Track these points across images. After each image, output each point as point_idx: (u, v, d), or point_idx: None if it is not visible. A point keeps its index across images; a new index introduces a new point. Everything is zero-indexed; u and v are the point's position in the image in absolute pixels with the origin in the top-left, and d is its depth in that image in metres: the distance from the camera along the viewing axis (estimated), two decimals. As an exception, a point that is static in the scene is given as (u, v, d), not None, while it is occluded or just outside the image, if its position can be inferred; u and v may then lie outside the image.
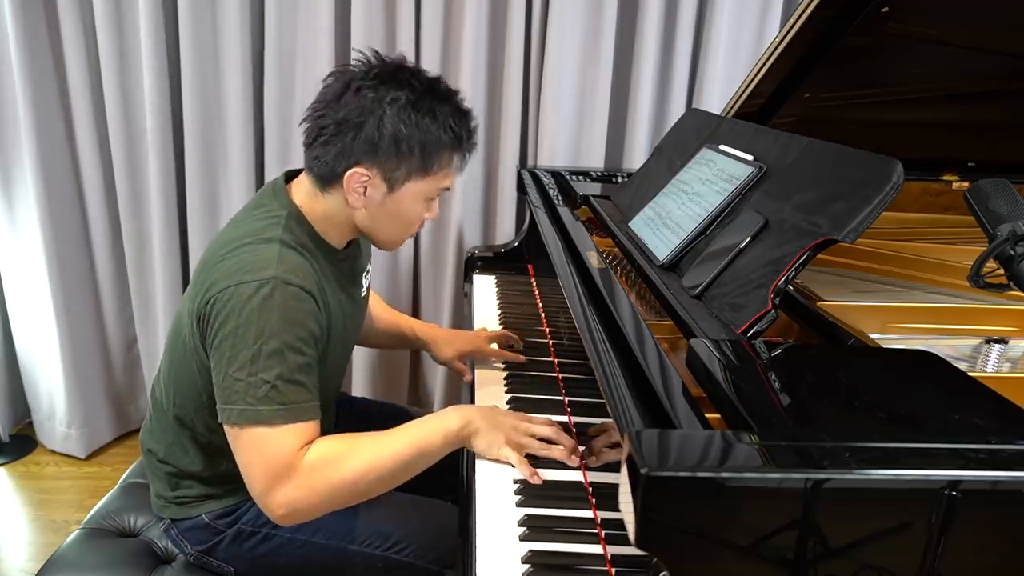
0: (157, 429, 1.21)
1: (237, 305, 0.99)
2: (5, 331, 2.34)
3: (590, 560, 0.91)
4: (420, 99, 1.04)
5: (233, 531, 1.17)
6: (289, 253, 1.04)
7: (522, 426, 1.08)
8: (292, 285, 1.00)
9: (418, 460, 1.05)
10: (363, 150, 1.03)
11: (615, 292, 1.07)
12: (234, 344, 0.98)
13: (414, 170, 1.06)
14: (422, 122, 1.04)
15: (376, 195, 1.07)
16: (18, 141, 2.07)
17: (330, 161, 1.05)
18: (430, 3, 2.00)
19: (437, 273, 2.25)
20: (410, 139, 1.03)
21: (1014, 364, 1.05)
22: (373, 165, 1.04)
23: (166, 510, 1.20)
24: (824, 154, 1.01)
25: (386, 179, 1.06)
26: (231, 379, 0.98)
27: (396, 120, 1.02)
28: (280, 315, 0.99)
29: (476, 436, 1.07)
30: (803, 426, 0.67)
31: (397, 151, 1.04)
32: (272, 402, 0.98)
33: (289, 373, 0.99)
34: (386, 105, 1.02)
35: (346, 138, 1.03)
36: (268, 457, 0.99)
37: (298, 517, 1.02)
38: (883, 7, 1.23)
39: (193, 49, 2.01)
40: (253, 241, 1.05)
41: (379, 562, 1.16)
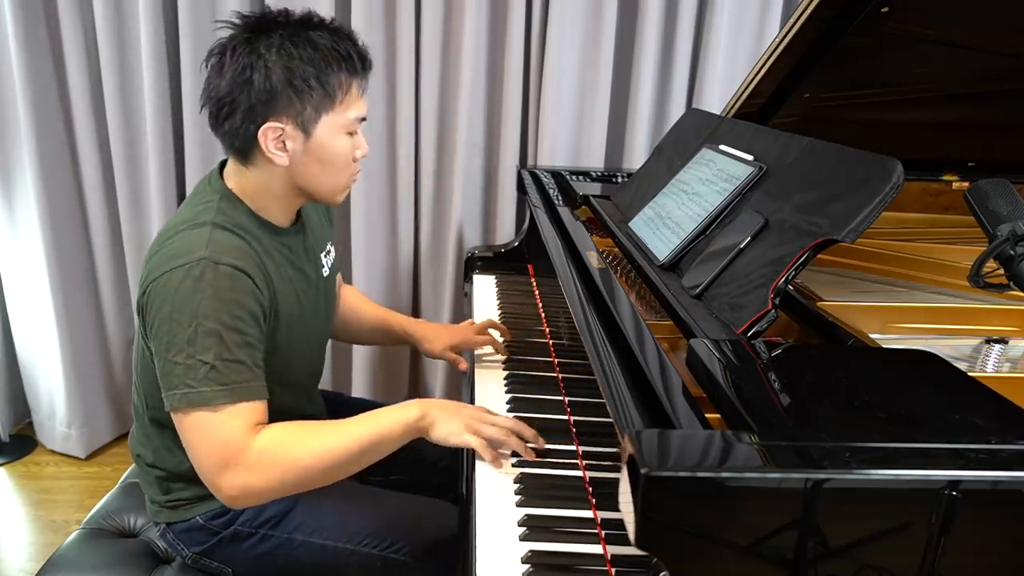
0: (141, 435, 1.21)
1: (170, 290, 0.98)
2: (5, 331, 2.34)
3: (590, 560, 0.91)
4: (294, 35, 1.02)
5: (230, 532, 1.17)
6: (220, 233, 1.03)
7: (482, 416, 1.09)
8: (223, 264, 1.00)
9: (375, 448, 1.05)
10: (263, 104, 1.01)
11: (615, 292, 1.07)
12: (170, 328, 0.98)
13: (319, 105, 1.04)
14: (305, 55, 1.01)
15: (296, 145, 1.05)
16: (18, 141, 2.07)
17: (239, 129, 1.03)
18: (430, 4, 2.00)
19: (437, 273, 2.25)
20: (302, 75, 1.01)
21: (1014, 364, 1.05)
22: (280, 115, 1.02)
23: (161, 515, 1.19)
24: (824, 154, 1.01)
25: (298, 125, 1.04)
26: (170, 364, 0.98)
27: (280, 63, 1.00)
28: (213, 295, 0.98)
29: (434, 426, 1.06)
30: (803, 426, 0.67)
31: (295, 92, 1.02)
32: (212, 383, 0.97)
33: (228, 353, 0.98)
34: (264, 52, 1.00)
35: (242, 100, 1.01)
36: (214, 439, 0.98)
37: (250, 500, 1.02)
38: (883, 7, 1.23)
39: (193, 50, 2.01)
40: (185, 228, 1.04)
41: (377, 562, 1.16)
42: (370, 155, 2.07)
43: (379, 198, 2.17)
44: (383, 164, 2.14)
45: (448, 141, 2.12)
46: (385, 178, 2.16)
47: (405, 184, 2.14)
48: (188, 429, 1.00)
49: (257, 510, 1.17)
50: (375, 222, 2.17)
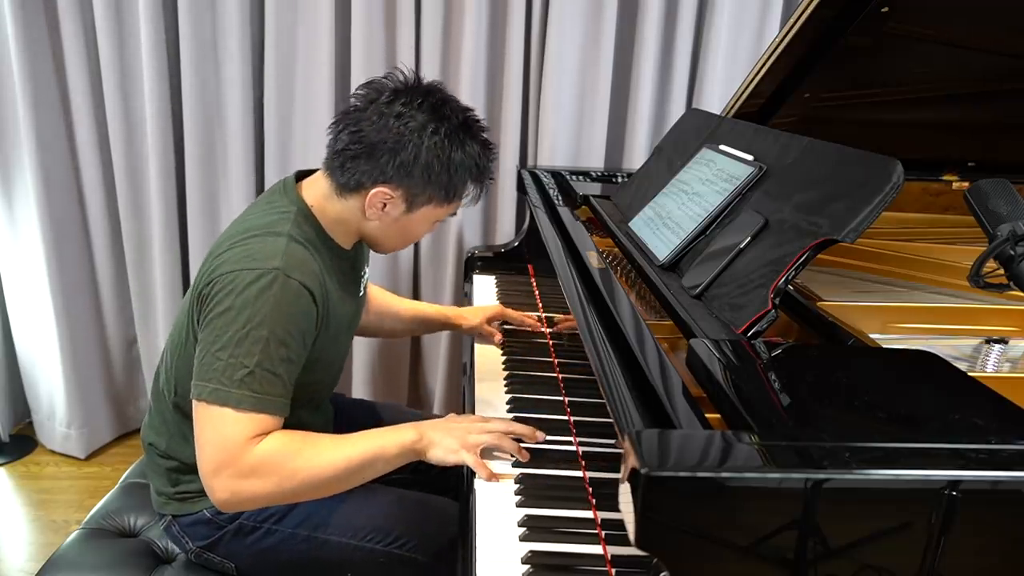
0: (158, 422, 1.21)
1: (236, 288, 1.01)
2: (5, 331, 2.34)
3: (590, 560, 0.91)
4: (455, 133, 1.09)
5: (234, 526, 1.17)
6: (296, 248, 1.06)
7: (475, 427, 1.10)
8: (293, 279, 1.03)
9: (370, 467, 1.07)
10: (394, 173, 1.07)
11: (615, 292, 1.07)
12: (224, 324, 1.01)
13: (436, 197, 1.12)
14: (454, 155, 1.09)
15: (394, 212, 1.12)
16: (18, 141, 2.07)
17: (359, 176, 1.09)
18: (430, 4, 2.00)
19: (437, 273, 2.25)
20: (440, 171, 1.09)
21: (1014, 364, 1.05)
22: (399, 187, 1.09)
23: (167, 507, 1.20)
24: (824, 154, 1.01)
25: (407, 200, 1.11)
26: (212, 356, 1.01)
27: (431, 151, 1.07)
28: (275, 306, 1.01)
29: (431, 448, 1.08)
30: (803, 426, 0.67)
31: (426, 179, 1.09)
32: (245, 387, 1.00)
33: (269, 363, 1.01)
34: (425, 136, 1.06)
35: (380, 159, 1.07)
36: (222, 438, 1.01)
37: (241, 504, 1.04)
38: (883, 7, 1.23)
39: (193, 50, 2.01)
40: (261, 233, 1.07)
41: (380, 557, 1.17)
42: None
43: (379, 198, 2.17)
44: (383, 164, 2.14)
45: (448, 141, 2.12)
46: (385, 178, 2.16)
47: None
48: (203, 422, 1.02)
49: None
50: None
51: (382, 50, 2.04)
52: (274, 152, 2.13)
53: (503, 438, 1.09)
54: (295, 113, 2.10)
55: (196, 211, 2.16)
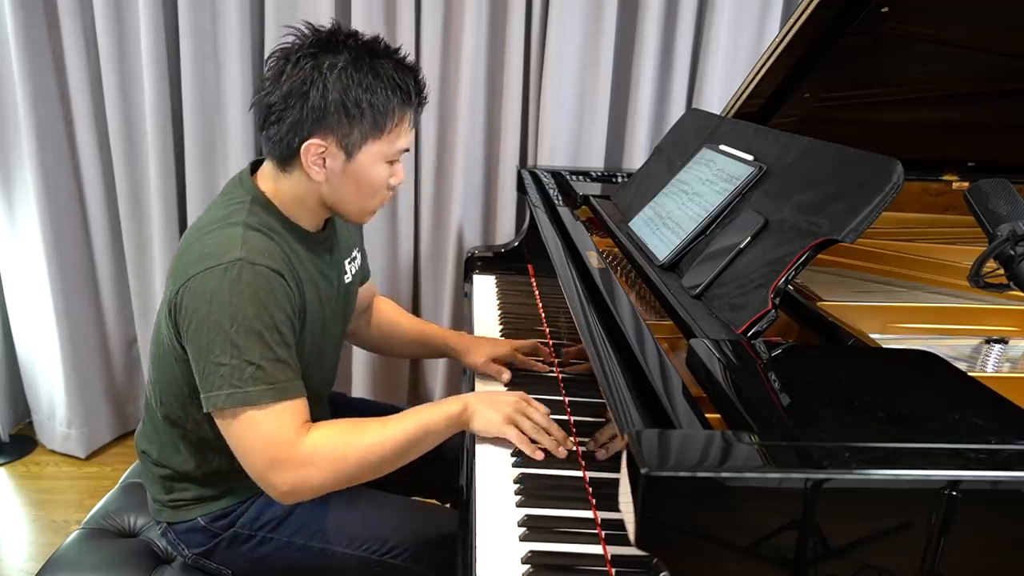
0: (150, 431, 1.21)
1: (207, 290, 0.99)
2: (5, 331, 2.34)
3: (590, 560, 0.91)
4: (359, 59, 1.03)
5: (230, 534, 1.17)
6: (253, 235, 1.04)
7: (519, 405, 1.11)
8: (259, 265, 1.00)
9: (422, 441, 1.08)
10: (313, 120, 1.02)
11: (615, 292, 1.07)
12: (210, 330, 0.98)
13: (367, 132, 1.05)
14: (365, 81, 1.02)
15: (335, 164, 1.06)
16: (18, 141, 2.07)
17: (284, 138, 1.04)
18: (430, 3, 2.00)
19: (437, 273, 2.25)
20: (358, 101, 1.02)
21: (1014, 364, 1.05)
22: (327, 134, 1.03)
23: (162, 514, 1.19)
24: (824, 154, 1.01)
25: (342, 146, 1.05)
26: (214, 365, 0.98)
27: (339, 84, 1.01)
28: (251, 296, 0.99)
29: (474, 418, 1.10)
30: (803, 426, 0.67)
31: (347, 115, 1.02)
32: (259, 382, 0.98)
33: (271, 353, 1.00)
34: (326, 71, 1.01)
35: (294, 111, 1.02)
36: (265, 437, 1.00)
37: (302, 495, 1.04)
38: (883, 7, 1.23)
39: (193, 49, 2.01)
40: (217, 227, 1.05)
41: (375, 566, 1.16)
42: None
43: (379, 198, 2.17)
44: (383, 164, 2.14)
45: (448, 141, 2.12)
46: (385, 178, 2.16)
47: (405, 184, 2.14)
48: (235, 430, 1.01)
49: (257, 512, 1.17)
50: (375, 222, 2.17)
51: (382, 50, 2.04)
52: (274, 152, 2.13)
53: (542, 434, 1.09)
54: (295, 113, 2.10)
55: (196, 211, 2.16)
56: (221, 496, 1.17)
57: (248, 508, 1.17)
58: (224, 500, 1.17)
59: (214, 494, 1.17)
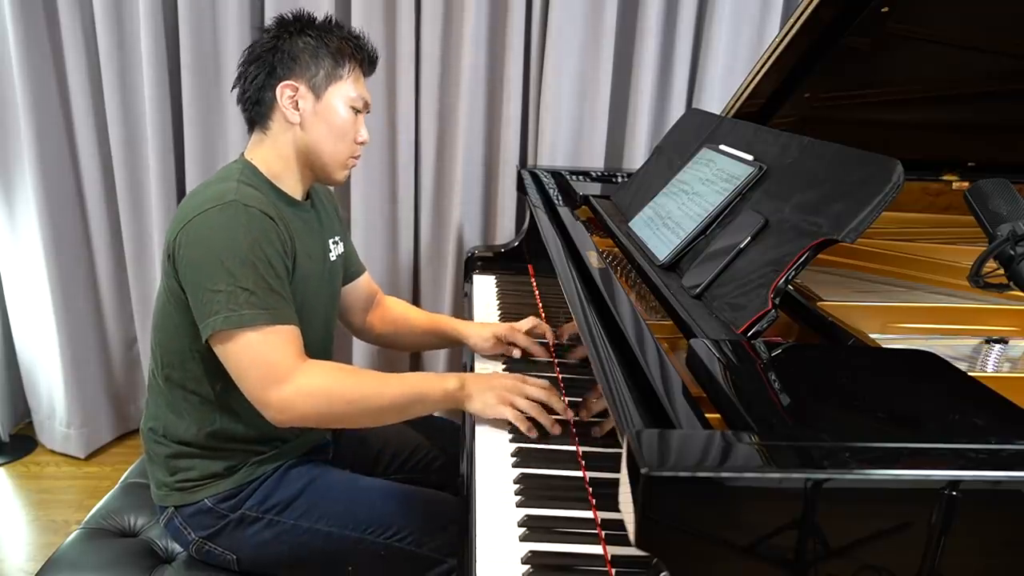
0: (151, 404, 1.24)
1: (205, 227, 1.07)
2: (5, 331, 2.34)
3: (590, 560, 0.91)
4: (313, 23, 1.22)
5: (236, 516, 1.18)
6: (246, 188, 1.13)
7: (516, 386, 1.13)
8: (252, 207, 1.09)
9: (414, 404, 1.12)
10: (283, 66, 1.18)
11: (615, 292, 1.07)
12: (208, 261, 1.05)
13: (330, 73, 1.20)
14: (320, 37, 1.20)
15: (307, 105, 1.19)
16: (18, 141, 2.07)
17: (258, 92, 1.19)
18: (430, 4, 2.00)
19: (437, 273, 2.25)
20: (317, 48, 1.19)
21: (1014, 364, 1.05)
22: (297, 76, 1.18)
23: (169, 498, 1.20)
24: (824, 154, 1.01)
25: (311, 86, 1.19)
26: (210, 293, 1.05)
27: (300, 40, 1.19)
28: (246, 231, 1.07)
29: (471, 399, 1.12)
30: (803, 426, 0.67)
31: (311, 58, 1.18)
32: (253, 306, 1.04)
33: (264, 283, 1.06)
34: (288, 33, 1.20)
35: (264, 67, 1.18)
36: (262, 357, 1.05)
37: (292, 420, 1.08)
38: (883, 7, 1.23)
39: (193, 49, 2.01)
40: (212, 186, 1.15)
41: (381, 550, 1.17)
42: (370, 155, 2.09)
43: (379, 198, 2.17)
44: (383, 164, 2.14)
45: (448, 141, 2.12)
46: (385, 178, 2.16)
47: (405, 184, 2.15)
48: (232, 352, 1.06)
49: (264, 495, 1.19)
50: (375, 222, 2.17)
51: (382, 50, 2.04)
52: (274, 152, 2.13)
53: (541, 411, 1.11)
54: (295, 113, 2.10)
55: (196, 211, 2.16)
56: (227, 475, 1.19)
57: (256, 491, 1.19)
58: (231, 480, 1.19)
59: (220, 471, 1.19)
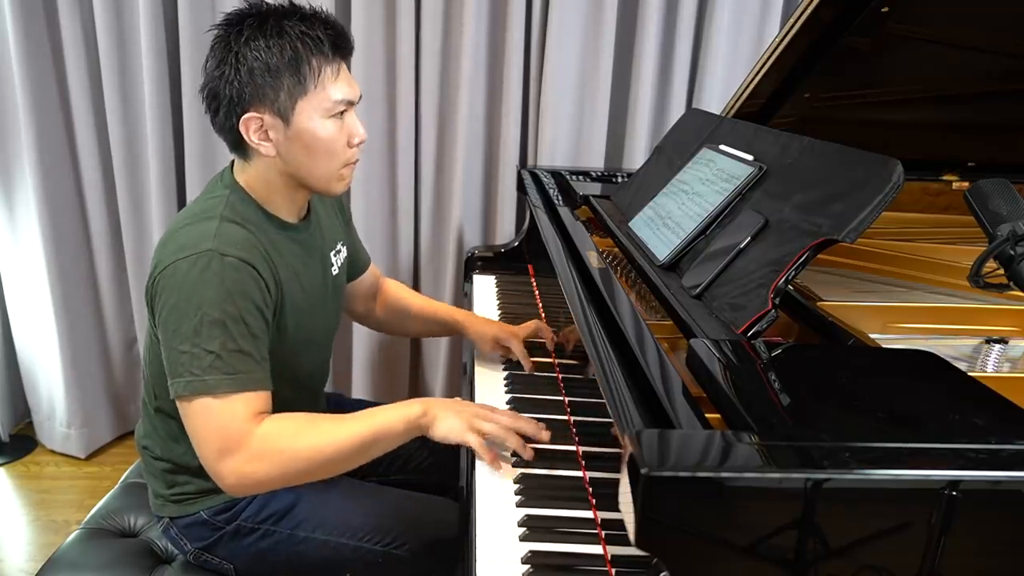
0: (149, 426, 1.22)
1: (176, 280, 1.01)
2: (5, 331, 2.34)
3: (590, 560, 0.91)
4: (263, 24, 1.03)
5: (232, 528, 1.17)
6: (228, 227, 1.05)
7: (483, 413, 1.08)
8: (229, 256, 1.02)
9: (377, 443, 1.05)
10: (239, 97, 1.04)
11: (615, 292, 1.07)
12: (177, 318, 1.00)
13: (293, 90, 1.04)
14: (272, 43, 1.03)
15: (278, 135, 1.06)
16: (18, 141, 2.07)
17: (224, 124, 1.07)
18: (430, 3, 2.00)
19: (437, 273, 2.25)
20: (268, 64, 1.02)
21: (1014, 364, 1.05)
22: (257, 106, 1.04)
23: (164, 509, 1.20)
24: (824, 154, 1.01)
25: (276, 113, 1.05)
26: (176, 352, 1.00)
27: (250, 54, 1.02)
28: (218, 285, 1.00)
29: (435, 423, 1.06)
30: (803, 426, 0.67)
31: (266, 81, 1.03)
32: (217, 371, 0.99)
33: (232, 343, 1.00)
34: (235, 47, 1.03)
35: (223, 95, 1.04)
36: (217, 426, 1.00)
37: (248, 487, 1.03)
38: (883, 7, 1.23)
39: (193, 49, 2.01)
40: (194, 221, 1.07)
41: (379, 557, 1.17)
42: (370, 155, 2.09)
43: (379, 198, 2.17)
44: (383, 164, 2.14)
45: (448, 141, 2.12)
46: (385, 178, 2.16)
47: (405, 184, 2.14)
48: (191, 416, 1.01)
49: (260, 505, 1.17)
50: (375, 222, 2.17)
51: (382, 50, 2.04)
52: (274, 152, 2.13)
53: (509, 433, 1.07)
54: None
55: (196, 211, 2.16)
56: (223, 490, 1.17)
57: (251, 501, 1.18)
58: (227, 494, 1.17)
59: (216, 487, 1.17)
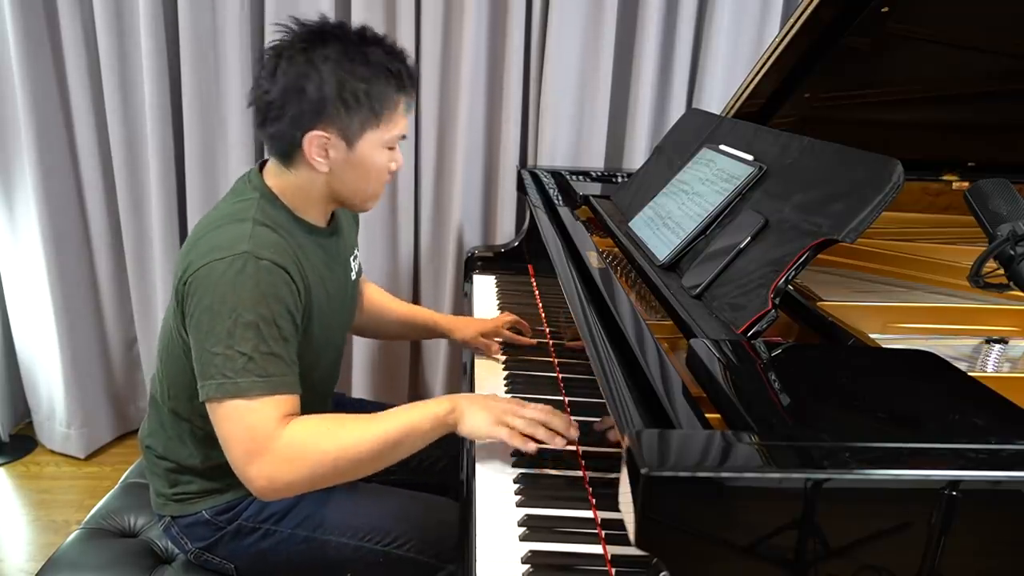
0: (155, 425, 1.21)
1: (211, 281, 1.01)
2: (5, 331, 2.34)
3: (590, 560, 0.91)
4: (350, 49, 1.05)
5: (234, 527, 1.17)
6: (261, 230, 1.06)
7: (512, 408, 1.07)
8: (264, 259, 1.02)
9: (405, 442, 1.04)
10: (312, 113, 1.05)
11: (615, 292, 1.07)
12: (210, 319, 1.00)
13: (366, 120, 1.07)
14: (358, 71, 1.05)
15: (338, 155, 1.09)
16: (18, 141, 2.07)
17: (285, 133, 1.07)
18: (430, 3, 2.00)
19: (437, 273, 2.25)
20: (354, 91, 1.05)
21: (1014, 364, 1.05)
22: (327, 125, 1.06)
23: (166, 508, 1.20)
24: (824, 154, 1.01)
25: (343, 136, 1.07)
26: (209, 354, 1.00)
27: (334, 76, 1.04)
28: (253, 288, 1.00)
29: (463, 419, 1.06)
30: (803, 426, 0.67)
31: (345, 105, 1.05)
32: (250, 374, 0.99)
33: (265, 346, 1.00)
34: (320, 64, 1.04)
35: (292, 106, 1.05)
36: (247, 429, 0.99)
37: (279, 491, 1.02)
38: (883, 7, 1.23)
39: (193, 49, 2.01)
40: (226, 223, 1.07)
41: (380, 557, 1.17)
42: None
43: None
44: (383, 164, 2.14)
45: (448, 141, 2.12)
46: (385, 178, 2.16)
47: (405, 184, 2.14)
48: (221, 419, 1.01)
49: (261, 505, 1.17)
50: (375, 222, 2.17)
51: (382, 50, 2.04)
52: (274, 152, 2.13)
53: (538, 427, 1.05)
54: (295, 113, 2.10)
55: (196, 211, 2.16)
56: (226, 489, 1.17)
57: (253, 501, 1.18)
58: (229, 493, 1.17)
59: (219, 487, 1.18)
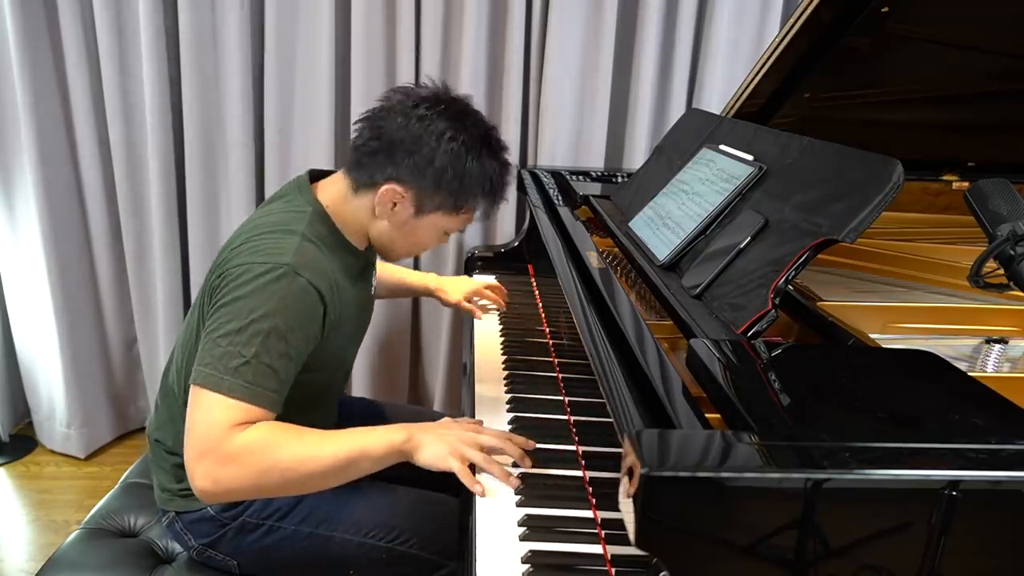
0: (165, 419, 1.21)
1: (244, 279, 1.02)
2: (5, 331, 2.34)
3: (590, 560, 0.91)
4: (473, 144, 1.10)
5: (237, 524, 1.17)
6: (308, 246, 1.08)
7: (467, 437, 1.06)
8: (302, 277, 1.04)
9: (357, 464, 1.03)
10: (407, 172, 1.09)
11: (615, 292, 1.07)
12: (228, 312, 1.01)
13: (444, 205, 1.13)
14: (469, 166, 1.10)
15: (403, 214, 1.13)
16: (18, 141, 2.07)
17: (374, 171, 1.10)
18: (430, 4, 2.00)
19: (437, 273, 2.24)
20: (452, 178, 1.09)
21: (1014, 364, 1.05)
22: (411, 187, 1.10)
23: (171, 503, 1.20)
24: (824, 154, 1.01)
25: (416, 202, 1.12)
26: (213, 343, 1.01)
27: (446, 156, 1.08)
28: (280, 301, 1.01)
29: (419, 450, 1.04)
30: (803, 426, 0.67)
31: (436, 184, 1.09)
32: (239, 377, 0.99)
33: (267, 356, 1.00)
34: (443, 141, 1.08)
35: (396, 156, 1.08)
36: (208, 423, 0.98)
37: (219, 495, 1.00)
38: (883, 7, 1.23)
39: (193, 50, 2.01)
40: (276, 231, 1.08)
41: (383, 554, 1.17)
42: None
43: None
44: (383, 164, 2.14)
45: (448, 141, 2.12)
46: (385, 178, 2.16)
47: (405, 184, 2.14)
48: (194, 405, 1.01)
49: (265, 501, 1.18)
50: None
51: (382, 50, 2.04)
52: (274, 152, 2.13)
53: (493, 462, 1.05)
54: (295, 113, 2.10)
55: (196, 211, 2.16)
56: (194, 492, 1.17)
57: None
58: None
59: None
